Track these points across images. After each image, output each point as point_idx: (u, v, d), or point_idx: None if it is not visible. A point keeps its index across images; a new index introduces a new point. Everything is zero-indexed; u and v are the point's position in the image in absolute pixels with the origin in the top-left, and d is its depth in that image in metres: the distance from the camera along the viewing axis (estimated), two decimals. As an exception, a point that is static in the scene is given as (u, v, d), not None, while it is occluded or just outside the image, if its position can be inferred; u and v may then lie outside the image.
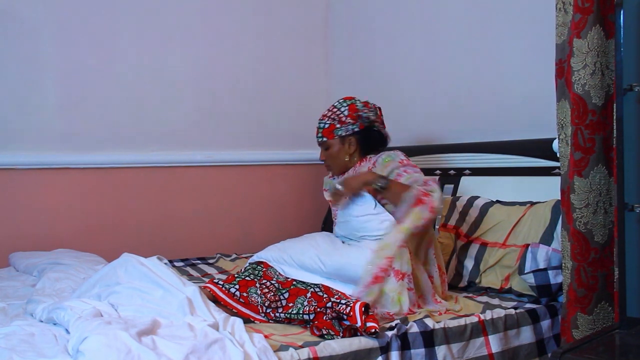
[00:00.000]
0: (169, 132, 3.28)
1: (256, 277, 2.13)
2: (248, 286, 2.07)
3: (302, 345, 1.72)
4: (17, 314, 2.00)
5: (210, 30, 3.41)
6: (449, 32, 3.09)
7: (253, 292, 2.05)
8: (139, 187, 3.20)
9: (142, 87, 3.21)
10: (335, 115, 2.44)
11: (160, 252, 3.17)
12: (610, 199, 1.92)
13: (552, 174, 2.44)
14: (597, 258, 1.92)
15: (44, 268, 2.51)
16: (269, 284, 2.08)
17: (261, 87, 3.57)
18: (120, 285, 1.93)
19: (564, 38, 1.97)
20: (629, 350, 1.55)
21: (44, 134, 2.98)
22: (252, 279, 2.12)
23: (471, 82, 2.96)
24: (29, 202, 2.94)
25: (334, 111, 2.45)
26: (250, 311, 2.02)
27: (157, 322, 1.68)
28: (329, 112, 2.47)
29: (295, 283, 2.06)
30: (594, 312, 1.94)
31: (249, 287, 2.07)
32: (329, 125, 2.44)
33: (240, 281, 2.10)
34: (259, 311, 2.01)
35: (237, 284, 2.08)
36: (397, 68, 3.38)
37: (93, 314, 1.72)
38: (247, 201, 3.50)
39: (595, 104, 1.88)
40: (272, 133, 3.60)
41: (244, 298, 2.04)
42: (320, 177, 3.73)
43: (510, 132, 2.76)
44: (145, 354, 1.46)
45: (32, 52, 2.94)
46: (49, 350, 1.60)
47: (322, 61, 3.77)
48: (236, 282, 2.10)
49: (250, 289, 2.06)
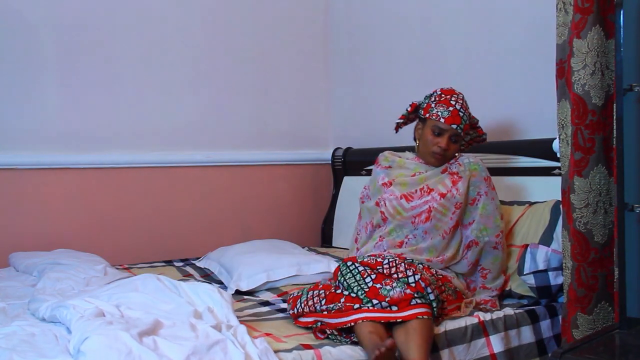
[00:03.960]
0: (169, 132, 3.28)
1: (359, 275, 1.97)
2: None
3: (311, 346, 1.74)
4: (18, 314, 2.01)
5: (210, 30, 3.40)
6: (449, 31, 3.09)
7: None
8: (139, 187, 3.20)
9: (142, 87, 3.20)
10: (469, 115, 2.35)
11: (160, 252, 3.21)
12: (610, 199, 1.92)
13: (552, 174, 2.44)
14: (597, 258, 1.92)
15: (44, 268, 2.51)
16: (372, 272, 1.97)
17: (261, 87, 3.57)
18: (136, 292, 1.94)
19: (564, 38, 1.97)
20: (629, 350, 1.56)
21: (44, 134, 2.97)
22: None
23: (471, 82, 2.95)
24: (29, 202, 2.94)
25: (467, 109, 2.34)
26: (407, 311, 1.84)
27: (159, 322, 1.68)
28: (464, 105, 2.31)
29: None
30: (594, 312, 1.94)
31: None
32: (467, 123, 2.33)
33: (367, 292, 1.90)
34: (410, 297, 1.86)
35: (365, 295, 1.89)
36: (397, 68, 3.38)
37: (95, 314, 1.72)
38: (247, 201, 3.50)
39: (595, 104, 1.88)
40: (272, 133, 3.60)
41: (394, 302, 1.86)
42: (320, 177, 3.75)
43: (510, 132, 2.76)
44: (146, 355, 1.46)
45: (32, 52, 2.94)
46: (49, 351, 1.60)
47: (322, 61, 3.77)
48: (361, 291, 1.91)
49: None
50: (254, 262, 2.62)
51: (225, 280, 2.64)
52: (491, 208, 2.26)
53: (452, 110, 2.26)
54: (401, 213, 2.26)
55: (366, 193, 2.47)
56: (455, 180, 2.27)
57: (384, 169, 2.42)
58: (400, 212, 2.27)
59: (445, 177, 2.29)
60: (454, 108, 2.27)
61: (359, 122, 3.63)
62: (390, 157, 2.45)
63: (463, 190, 2.24)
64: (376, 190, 2.37)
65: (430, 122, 2.30)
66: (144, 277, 2.07)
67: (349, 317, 1.83)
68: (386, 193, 2.32)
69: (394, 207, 2.28)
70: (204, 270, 2.89)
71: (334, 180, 3.65)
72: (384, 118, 3.37)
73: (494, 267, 2.24)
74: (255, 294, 2.48)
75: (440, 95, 2.31)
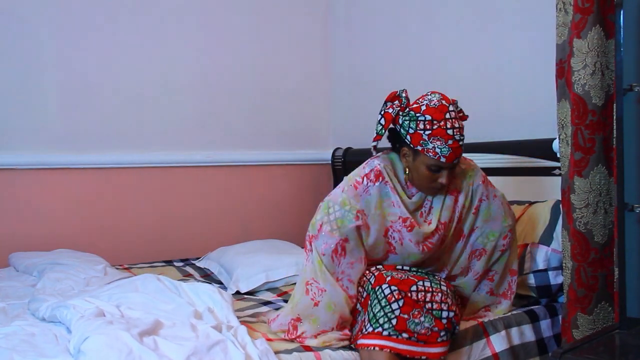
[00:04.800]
0: (169, 132, 3.28)
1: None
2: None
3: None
4: (18, 314, 2.01)
5: (210, 30, 3.40)
6: (449, 31, 3.09)
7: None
8: (139, 187, 3.20)
9: (142, 87, 3.20)
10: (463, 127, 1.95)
11: (160, 252, 3.20)
12: (610, 199, 1.92)
13: (552, 174, 2.44)
14: (597, 258, 1.92)
15: (44, 268, 2.51)
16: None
17: (261, 87, 3.56)
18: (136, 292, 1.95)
19: (564, 38, 1.97)
20: (629, 350, 1.56)
21: (44, 134, 2.97)
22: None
23: (471, 82, 2.96)
24: (29, 202, 2.94)
25: (461, 121, 1.95)
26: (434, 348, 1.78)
27: (159, 322, 1.68)
28: (460, 124, 1.90)
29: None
30: (594, 312, 1.94)
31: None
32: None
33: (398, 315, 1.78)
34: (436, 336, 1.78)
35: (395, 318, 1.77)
36: (397, 68, 3.38)
37: (96, 314, 1.72)
38: (247, 201, 3.50)
39: (595, 104, 1.88)
40: (272, 133, 3.60)
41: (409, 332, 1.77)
42: (320, 177, 3.75)
43: (510, 132, 2.76)
44: (146, 355, 1.46)
45: (32, 52, 2.94)
46: (49, 350, 1.60)
47: (322, 61, 3.77)
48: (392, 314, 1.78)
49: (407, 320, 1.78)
50: (254, 262, 2.63)
51: (224, 280, 2.64)
52: (495, 208, 2.05)
53: (452, 143, 1.85)
54: (414, 254, 1.99)
55: (356, 222, 1.93)
56: (456, 197, 2.02)
57: (386, 185, 1.97)
58: (413, 253, 1.98)
59: (448, 199, 2.01)
60: (454, 140, 1.85)
61: (359, 122, 3.63)
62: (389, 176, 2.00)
63: (463, 202, 2.02)
64: (378, 216, 1.95)
65: (425, 158, 1.88)
66: (144, 277, 2.07)
67: (370, 340, 1.75)
68: (397, 223, 1.96)
69: (408, 244, 1.96)
70: (204, 271, 2.89)
71: (334, 180, 3.65)
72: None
73: (499, 267, 2.09)
74: (255, 294, 2.49)
75: (432, 122, 1.85)
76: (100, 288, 2.12)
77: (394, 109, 1.92)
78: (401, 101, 1.94)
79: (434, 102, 1.88)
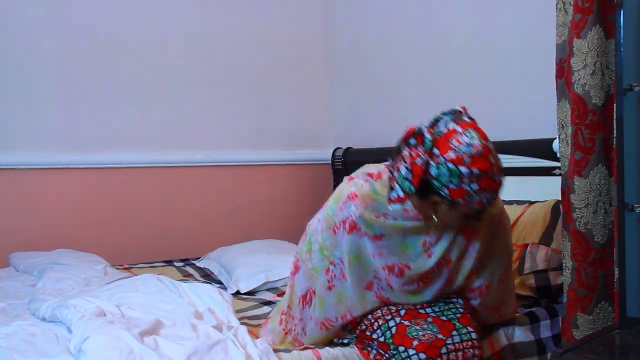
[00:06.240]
0: (169, 132, 3.28)
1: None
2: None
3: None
4: (18, 314, 2.01)
5: (210, 30, 3.40)
6: (449, 31, 3.09)
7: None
8: (139, 187, 3.20)
9: (142, 87, 3.21)
10: None
11: (160, 252, 3.20)
12: (610, 199, 1.92)
13: (552, 174, 2.44)
14: (597, 258, 1.92)
15: (44, 268, 2.51)
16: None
17: (261, 87, 3.57)
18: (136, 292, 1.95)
19: (564, 38, 1.97)
20: (629, 350, 1.56)
21: (44, 134, 2.98)
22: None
23: (471, 82, 2.96)
24: (29, 202, 2.94)
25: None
26: None
27: (160, 322, 1.68)
28: (498, 159, 1.62)
29: None
30: (594, 312, 1.94)
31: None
32: None
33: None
34: None
35: None
36: (397, 69, 3.38)
37: (96, 314, 1.72)
38: (247, 201, 3.50)
39: (596, 104, 1.88)
40: (272, 133, 3.60)
41: None
42: (320, 177, 3.75)
43: (510, 132, 2.76)
44: (147, 354, 1.46)
45: (33, 52, 2.94)
46: (50, 350, 1.60)
47: (322, 61, 3.77)
48: None
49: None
50: (253, 262, 2.63)
51: (224, 280, 2.64)
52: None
53: (498, 188, 1.61)
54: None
55: (325, 276, 1.77)
56: (471, 238, 1.76)
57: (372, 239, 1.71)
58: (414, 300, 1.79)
59: (459, 238, 1.75)
60: (499, 187, 1.61)
61: (359, 122, 3.63)
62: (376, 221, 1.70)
63: (478, 247, 1.77)
64: (355, 268, 1.73)
65: (466, 210, 1.62)
66: (144, 277, 2.07)
67: None
68: (380, 271, 1.74)
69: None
70: (204, 270, 2.89)
71: (334, 180, 3.65)
72: (384, 118, 3.37)
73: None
74: (255, 294, 2.49)
75: (480, 176, 1.53)
76: (101, 288, 2.12)
77: (422, 157, 1.54)
78: (421, 140, 1.57)
79: (475, 146, 1.53)
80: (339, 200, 1.74)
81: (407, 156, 1.56)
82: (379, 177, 1.75)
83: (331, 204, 1.78)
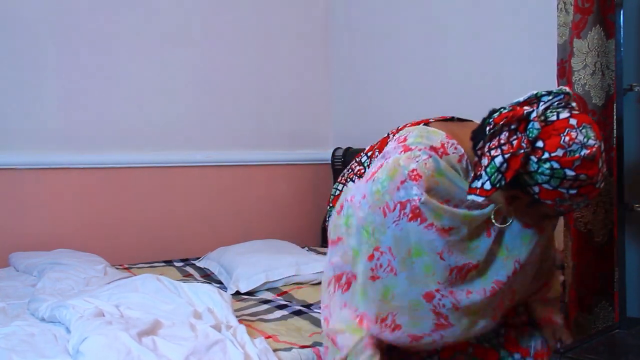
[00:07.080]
0: (169, 132, 3.28)
1: None
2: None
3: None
4: (17, 314, 2.01)
5: (210, 30, 3.40)
6: (449, 31, 3.08)
7: None
8: (139, 187, 3.20)
9: (142, 87, 3.20)
10: None
11: (160, 252, 3.20)
12: (610, 199, 1.91)
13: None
14: (597, 258, 1.92)
15: (44, 268, 2.51)
16: None
17: (261, 87, 3.56)
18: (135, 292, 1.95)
19: (565, 38, 1.97)
20: (629, 350, 1.55)
21: (44, 134, 2.97)
22: None
23: (472, 82, 2.95)
24: (29, 202, 2.94)
25: None
26: None
27: (159, 322, 1.68)
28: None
29: None
30: (594, 312, 1.94)
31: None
32: None
33: None
34: None
35: None
36: (398, 68, 3.38)
37: (95, 314, 1.72)
38: (247, 201, 3.50)
39: (596, 104, 1.88)
40: (272, 133, 3.60)
41: None
42: (320, 177, 3.75)
43: (510, 132, 2.75)
44: (145, 355, 1.46)
45: (32, 52, 2.94)
46: (49, 351, 1.60)
47: (322, 61, 3.77)
48: None
49: None
50: (253, 262, 2.63)
51: (224, 280, 2.64)
52: None
53: (594, 196, 1.37)
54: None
55: (368, 263, 1.43)
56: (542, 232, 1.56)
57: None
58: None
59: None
60: (597, 194, 1.38)
61: (359, 122, 3.63)
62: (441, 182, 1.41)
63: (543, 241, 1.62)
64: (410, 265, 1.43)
65: (549, 210, 1.40)
66: (143, 278, 2.07)
67: None
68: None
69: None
70: (204, 271, 2.89)
71: (334, 180, 3.65)
72: (384, 118, 3.36)
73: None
74: (255, 294, 2.49)
75: (584, 181, 1.29)
76: (100, 288, 2.12)
77: (524, 149, 1.29)
78: (524, 129, 1.33)
79: (590, 148, 1.28)
80: (396, 177, 1.40)
81: (506, 143, 1.30)
82: (445, 153, 1.43)
83: (383, 178, 1.41)
